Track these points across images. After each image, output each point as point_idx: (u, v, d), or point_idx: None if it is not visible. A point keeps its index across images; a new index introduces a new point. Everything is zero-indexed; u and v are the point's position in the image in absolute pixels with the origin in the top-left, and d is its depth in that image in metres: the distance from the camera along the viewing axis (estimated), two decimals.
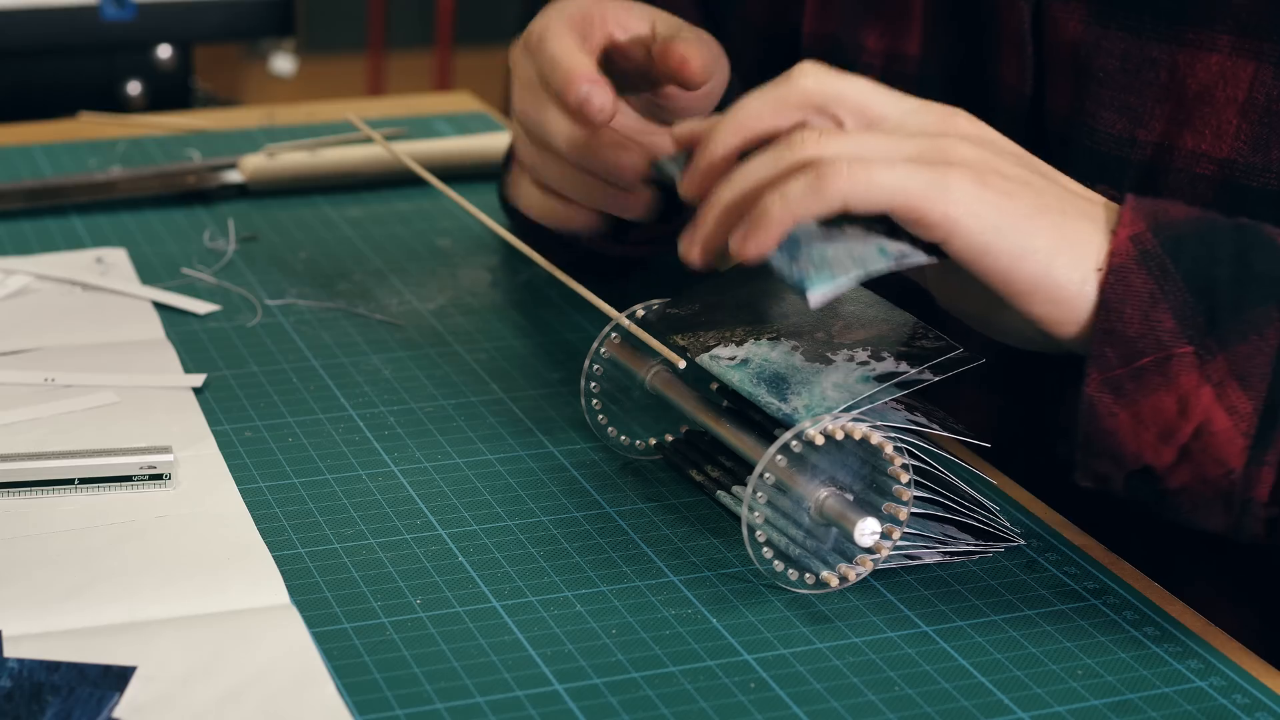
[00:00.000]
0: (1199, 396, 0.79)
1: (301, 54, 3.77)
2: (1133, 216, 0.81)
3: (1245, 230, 0.82)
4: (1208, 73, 0.91)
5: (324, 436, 0.98)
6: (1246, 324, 0.79)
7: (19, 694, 0.74)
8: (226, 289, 1.16)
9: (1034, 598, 0.84)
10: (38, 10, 1.67)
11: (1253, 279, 0.80)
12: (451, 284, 1.17)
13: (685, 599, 0.84)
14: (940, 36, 1.03)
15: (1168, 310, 0.80)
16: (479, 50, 3.92)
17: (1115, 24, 0.94)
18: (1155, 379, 0.80)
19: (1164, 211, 0.82)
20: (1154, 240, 0.80)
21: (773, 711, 0.76)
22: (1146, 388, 0.80)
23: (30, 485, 0.90)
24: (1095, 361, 0.80)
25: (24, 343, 1.06)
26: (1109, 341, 0.80)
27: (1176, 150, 0.92)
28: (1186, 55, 0.92)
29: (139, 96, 1.73)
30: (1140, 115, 0.93)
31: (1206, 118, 0.91)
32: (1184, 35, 0.92)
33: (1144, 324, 0.80)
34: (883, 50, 1.06)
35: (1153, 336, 0.80)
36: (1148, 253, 0.80)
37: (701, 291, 0.95)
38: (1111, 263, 0.80)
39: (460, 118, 1.48)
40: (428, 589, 0.84)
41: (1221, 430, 0.80)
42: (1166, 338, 0.80)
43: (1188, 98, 0.92)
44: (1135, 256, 0.80)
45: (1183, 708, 0.77)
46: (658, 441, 0.96)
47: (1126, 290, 0.80)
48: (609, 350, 0.95)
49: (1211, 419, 0.79)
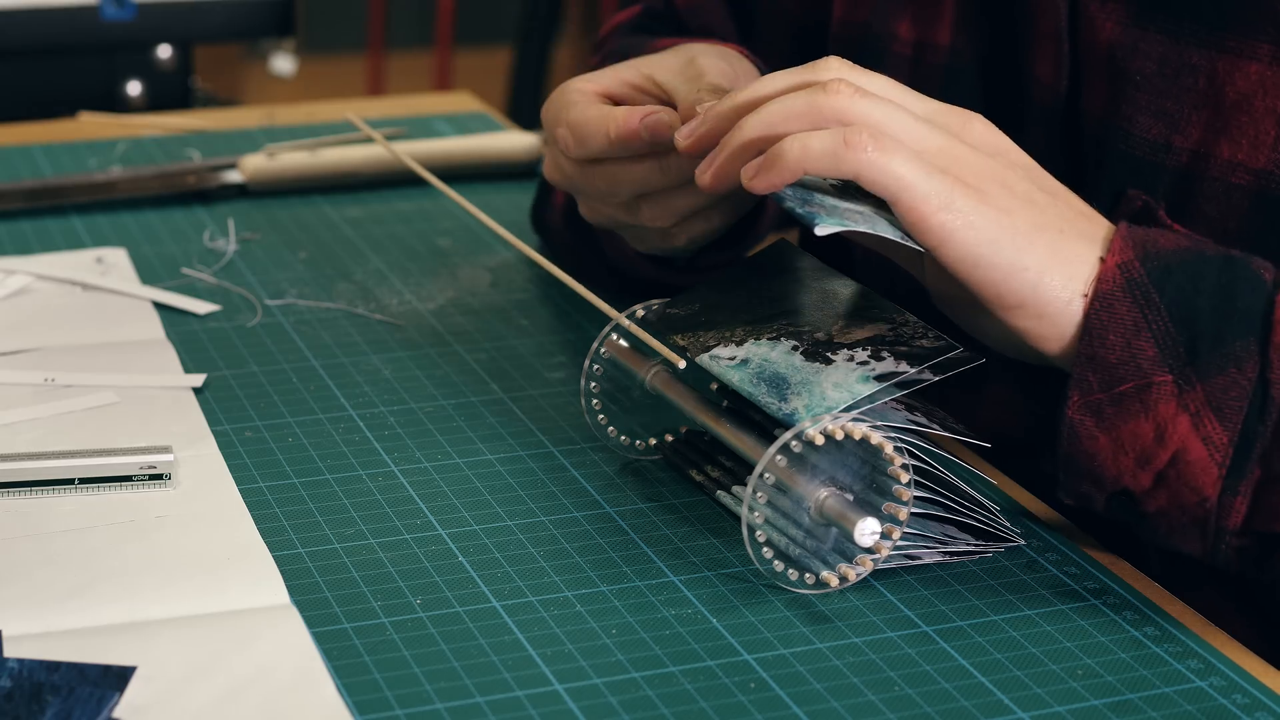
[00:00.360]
0: (1176, 425, 0.81)
1: (301, 54, 3.77)
2: (1123, 244, 0.83)
3: (1234, 263, 0.83)
4: (1247, 81, 0.91)
5: (324, 436, 0.98)
6: (1225, 356, 0.81)
7: (19, 694, 0.74)
8: (226, 289, 1.16)
9: (1034, 598, 0.84)
10: (38, 10, 1.67)
11: (1234, 312, 0.82)
12: (451, 284, 1.17)
13: (685, 599, 0.84)
14: (971, 27, 1.03)
15: (1150, 339, 0.81)
16: (479, 50, 3.92)
17: (1154, 27, 0.93)
18: (1134, 405, 0.82)
19: (1154, 241, 0.83)
20: (1141, 270, 0.82)
21: (773, 711, 0.76)
22: (1126, 413, 0.82)
23: (30, 485, 0.90)
24: (1077, 384, 0.82)
25: (24, 343, 1.06)
26: (1091, 367, 0.82)
27: (1212, 159, 0.92)
28: (1226, 63, 0.91)
29: (139, 96, 1.73)
30: (1177, 121, 0.93)
31: (1244, 127, 0.91)
32: (1224, 42, 0.91)
33: (1126, 351, 0.81)
34: (913, 39, 1.05)
35: (1134, 364, 0.81)
36: (1134, 281, 0.82)
37: (701, 292, 0.95)
38: (1098, 289, 0.82)
39: (460, 118, 1.48)
40: (428, 589, 0.84)
41: (1197, 460, 0.81)
42: (1147, 365, 0.81)
43: (1225, 106, 0.91)
44: (1122, 285, 0.82)
45: (1183, 708, 0.77)
46: (657, 441, 0.96)
47: (1111, 317, 0.82)
48: (609, 350, 0.95)
49: (1188, 448, 0.81)
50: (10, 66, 1.69)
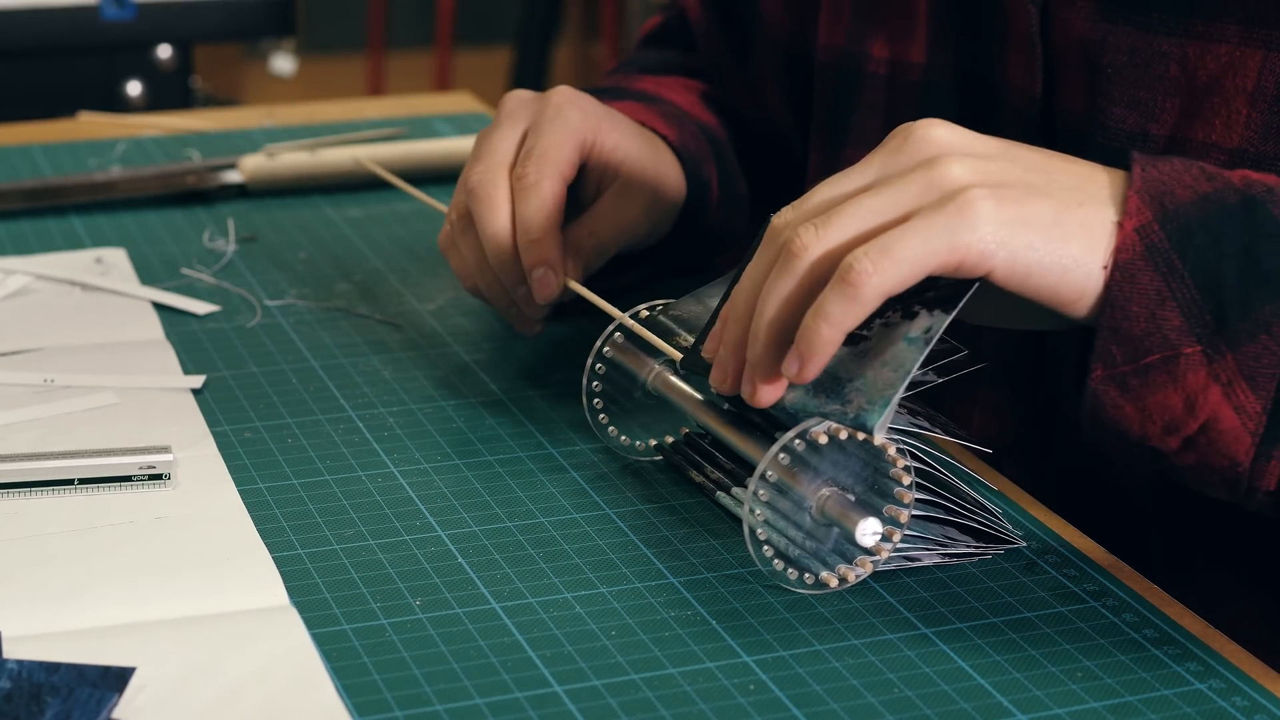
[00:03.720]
0: (1207, 395, 0.79)
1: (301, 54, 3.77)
2: (1139, 204, 0.80)
3: (1254, 211, 0.80)
4: (1217, 64, 0.91)
5: (323, 437, 0.98)
6: (1255, 323, 0.79)
7: (18, 695, 0.74)
8: (226, 289, 1.16)
9: (1033, 600, 0.84)
10: (38, 10, 1.67)
11: (1261, 276, 0.79)
12: (451, 284, 1.17)
13: (685, 600, 0.84)
14: (945, 42, 1.03)
15: (1175, 308, 0.79)
16: (479, 50, 3.93)
17: (1122, 19, 0.93)
18: (1161, 376, 0.79)
19: (1171, 194, 0.80)
20: (1161, 233, 0.79)
21: (772, 713, 0.76)
22: (1153, 385, 0.79)
23: (30, 485, 0.90)
24: (1100, 357, 0.80)
25: (24, 343, 1.06)
26: (1115, 339, 0.79)
27: (1188, 143, 0.92)
28: (1196, 47, 0.91)
29: (139, 96, 1.73)
30: (1151, 109, 0.93)
31: (1216, 108, 0.91)
32: (1193, 27, 0.91)
33: (1151, 322, 0.79)
34: (887, 58, 1.06)
35: (1160, 335, 0.79)
36: (1154, 247, 0.79)
37: (704, 292, 0.95)
38: (1118, 259, 0.79)
39: (460, 118, 1.48)
40: (427, 590, 0.84)
41: (1229, 429, 0.79)
42: (1174, 336, 0.79)
43: (1197, 90, 0.91)
44: (1142, 253, 0.79)
45: (1182, 710, 0.77)
46: (658, 443, 0.96)
47: (1133, 288, 0.79)
48: (611, 350, 0.95)
49: (1219, 416, 0.79)
50: (10, 66, 1.69)
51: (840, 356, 0.84)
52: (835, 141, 1.11)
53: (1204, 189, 0.80)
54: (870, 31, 1.07)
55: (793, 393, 0.85)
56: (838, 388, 0.83)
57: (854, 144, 1.09)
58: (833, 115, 1.11)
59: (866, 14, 1.07)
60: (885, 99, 1.07)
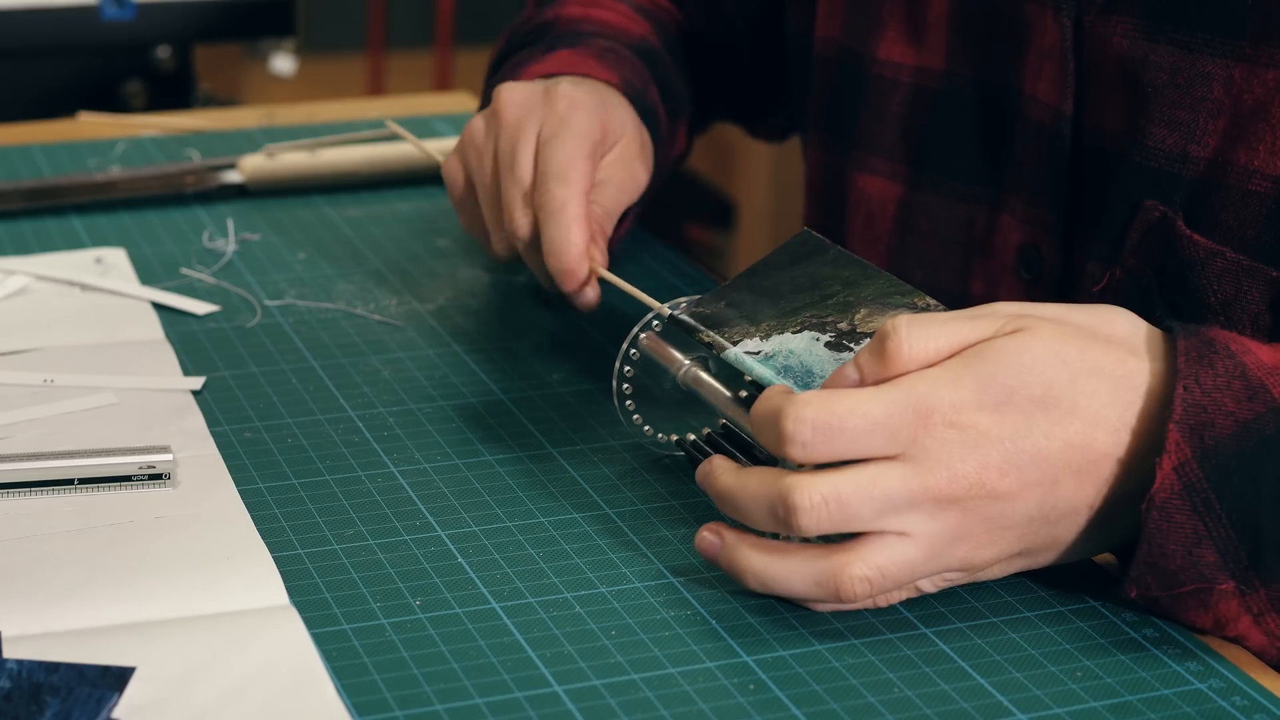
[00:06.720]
0: (1238, 623, 0.81)
1: (301, 54, 3.77)
2: (1178, 439, 0.79)
3: None
4: (1264, 88, 0.90)
5: (323, 437, 0.98)
6: None
7: (18, 695, 0.74)
8: (226, 289, 1.15)
9: (1033, 599, 0.84)
10: (38, 10, 1.67)
11: None
12: (451, 284, 1.17)
13: (684, 600, 0.84)
14: (963, 51, 1.02)
15: (1212, 546, 0.79)
16: (479, 50, 3.91)
17: (1164, 38, 0.93)
18: (1193, 601, 0.81)
19: (1210, 426, 0.79)
20: (1199, 473, 0.78)
21: (772, 713, 0.76)
22: (1184, 607, 0.81)
23: (30, 485, 0.90)
24: (1135, 583, 0.81)
25: (23, 343, 1.06)
26: (1151, 571, 0.80)
27: (1230, 167, 0.92)
28: (1243, 70, 0.91)
29: (139, 96, 1.73)
30: (1192, 131, 0.93)
31: (1262, 134, 0.90)
32: (1241, 50, 0.91)
33: (1187, 559, 0.79)
34: (898, 63, 1.05)
35: (1195, 570, 0.80)
36: (1192, 486, 0.79)
37: (729, 288, 0.94)
38: (1157, 498, 0.79)
39: (460, 118, 1.48)
40: (427, 590, 0.84)
41: (1257, 646, 0.82)
42: (1209, 572, 0.80)
43: (1243, 114, 0.91)
44: (1180, 492, 0.79)
45: (1182, 710, 0.77)
46: (679, 438, 0.96)
47: (1170, 527, 0.79)
48: (647, 340, 0.95)
49: (1247, 637, 0.81)
50: (10, 66, 1.69)
51: (819, 355, 0.86)
52: (840, 143, 1.11)
53: (1244, 415, 0.79)
54: (874, 31, 1.06)
55: (763, 367, 0.87)
56: (808, 380, 0.85)
57: (861, 147, 1.09)
58: (834, 115, 1.10)
59: (869, 12, 1.07)
60: (899, 105, 1.06)
